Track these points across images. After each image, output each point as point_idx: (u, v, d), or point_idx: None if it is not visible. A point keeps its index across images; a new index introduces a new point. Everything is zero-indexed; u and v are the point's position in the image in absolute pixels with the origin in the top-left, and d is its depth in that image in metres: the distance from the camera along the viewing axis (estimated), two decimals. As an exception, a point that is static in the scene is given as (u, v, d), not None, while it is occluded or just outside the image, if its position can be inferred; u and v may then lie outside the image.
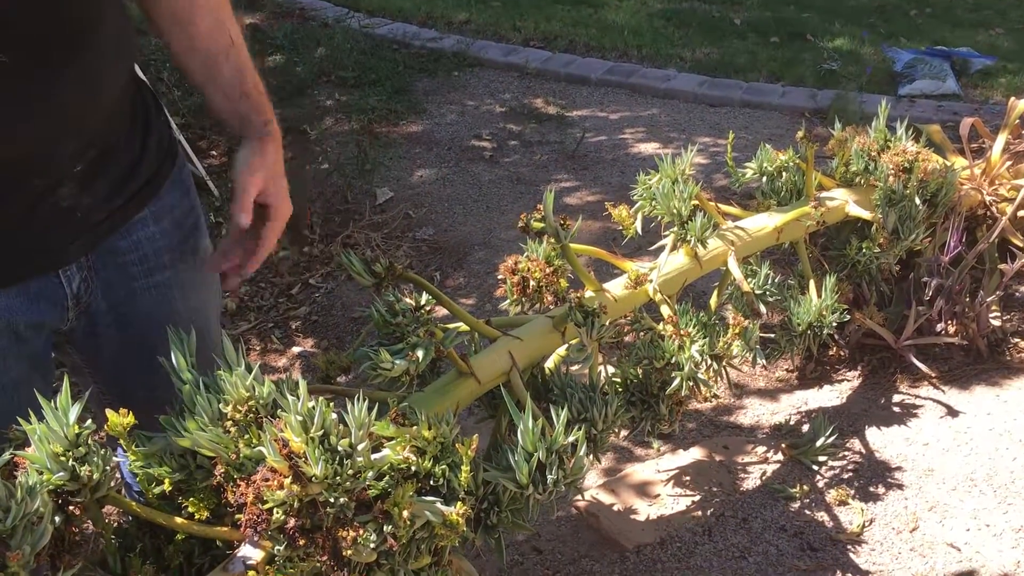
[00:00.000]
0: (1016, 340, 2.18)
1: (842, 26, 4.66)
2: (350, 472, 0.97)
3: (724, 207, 2.06)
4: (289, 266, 2.96)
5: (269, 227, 1.19)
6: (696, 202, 1.81)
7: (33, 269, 1.05)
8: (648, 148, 3.59)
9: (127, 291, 1.16)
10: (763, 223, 1.93)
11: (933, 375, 2.10)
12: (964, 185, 2.42)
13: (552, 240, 1.57)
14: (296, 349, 2.63)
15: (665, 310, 1.63)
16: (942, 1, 5.21)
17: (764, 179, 2.12)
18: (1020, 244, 2.39)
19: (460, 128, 3.80)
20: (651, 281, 1.67)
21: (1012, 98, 2.69)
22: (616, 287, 1.68)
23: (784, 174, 2.11)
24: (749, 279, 2.06)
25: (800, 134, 2.00)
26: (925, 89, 3.82)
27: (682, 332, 1.55)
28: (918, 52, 4.12)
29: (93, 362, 1.25)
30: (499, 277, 1.66)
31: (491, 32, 4.71)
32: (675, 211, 1.71)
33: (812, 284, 1.98)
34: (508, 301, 1.64)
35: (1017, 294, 2.37)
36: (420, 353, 1.24)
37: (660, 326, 1.59)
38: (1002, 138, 2.56)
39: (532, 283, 1.60)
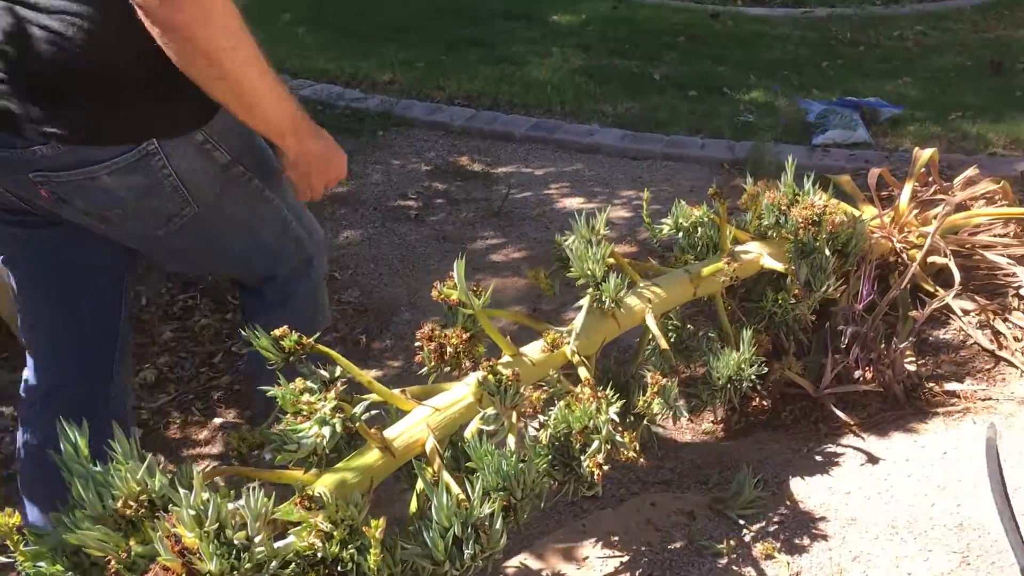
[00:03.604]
0: (931, 385, 2.23)
1: (757, 79, 4.80)
2: (248, 565, 0.94)
3: (641, 263, 2.08)
4: (211, 335, 2.90)
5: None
6: (613, 260, 1.83)
7: None
8: (573, 203, 3.62)
9: None
10: (679, 279, 1.95)
11: (853, 423, 2.13)
12: (875, 233, 2.49)
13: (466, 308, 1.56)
14: (218, 420, 2.56)
15: (583, 372, 1.63)
16: (852, 53, 5.41)
17: (680, 234, 2.15)
18: (931, 289, 2.46)
19: (386, 188, 3.80)
20: (568, 343, 1.67)
21: (916, 148, 2.80)
22: (534, 350, 1.67)
23: (700, 229, 2.14)
24: (671, 332, 2.08)
25: (712, 191, 2.04)
26: (837, 138, 3.95)
27: (599, 395, 1.54)
28: (829, 103, 4.26)
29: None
30: (416, 344, 1.65)
31: (416, 91, 4.75)
32: (589, 272, 1.71)
33: (731, 337, 2.00)
34: (426, 368, 1.63)
35: (930, 339, 2.42)
36: (327, 432, 1.22)
37: (578, 388, 1.59)
38: (908, 187, 2.65)
39: (449, 350, 1.59)
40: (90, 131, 1.31)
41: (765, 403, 2.23)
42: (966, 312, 2.46)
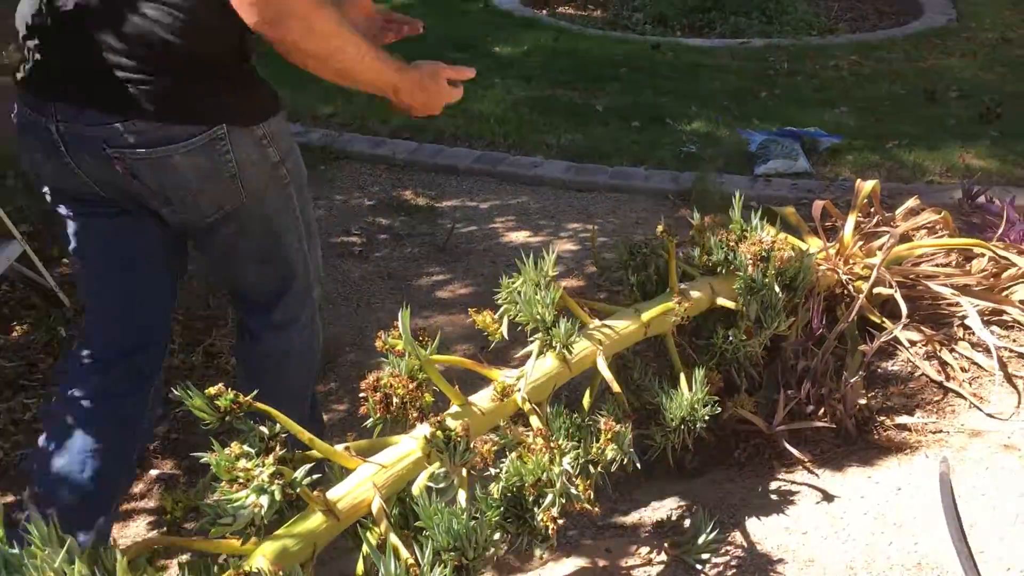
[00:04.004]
0: (882, 418, 2.22)
1: (698, 109, 4.83)
2: (179, 658, 0.87)
3: (590, 302, 2.04)
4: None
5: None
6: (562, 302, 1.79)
7: None
8: (519, 237, 3.59)
9: None
10: (630, 319, 1.92)
11: (806, 459, 2.11)
12: (821, 266, 2.49)
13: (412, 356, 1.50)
14: (154, 472, 2.45)
15: (535, 421, 1.58)
16: (790, 83, 5.49)
17: (629, 271, 2.12)
18: (877, 321, 2.47)
19: (328, 224, 3.72)
20: (519, 390, 1.62)
21: (859, 180, 2.82)
22: (483, 399, 1.62)
23: (648, 266, 2.11)
24: (626, 370, 2.04)
25: (660, 229, 2.02)
26: (779, 168, 3.98)
27: (552, 445, 1.49)
28: (770, 133, 4.30)
29: None
30: (360, 395, 1.59)
31: (358, 125, 4.68)
32: (538, 317, 1.67)
33: (683, 378, 1.97)
34: (371, 420, 1.57)
35: (879, 371, 2.42)
36: (265, 501, 1.15)
37: (530, 439, 1.53)
38: (852, 219, 2.66)
39: (395, 400, 1.53)
40: (172, 111, 1.44)
41: (719, 441, 2.21)
42: (913, 343, 2.47)
